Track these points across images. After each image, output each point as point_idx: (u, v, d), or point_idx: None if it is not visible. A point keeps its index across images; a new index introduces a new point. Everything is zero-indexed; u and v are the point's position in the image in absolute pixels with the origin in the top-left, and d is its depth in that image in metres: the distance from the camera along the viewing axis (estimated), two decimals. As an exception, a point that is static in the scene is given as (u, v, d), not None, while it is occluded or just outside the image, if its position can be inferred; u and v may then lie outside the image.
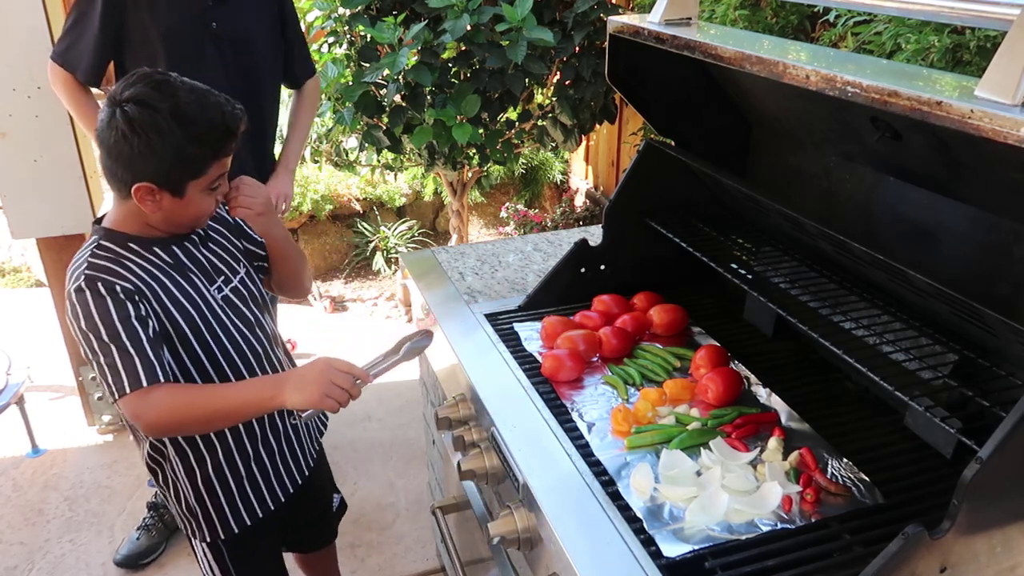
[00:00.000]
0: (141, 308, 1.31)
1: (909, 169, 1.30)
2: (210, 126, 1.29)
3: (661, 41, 1.39)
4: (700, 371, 1.50)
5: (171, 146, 1.25)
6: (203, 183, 1.33)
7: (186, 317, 1.38)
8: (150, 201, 1.31)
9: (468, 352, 1.55)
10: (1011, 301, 1.18)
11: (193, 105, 1.27)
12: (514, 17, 2.75)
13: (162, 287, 1.36)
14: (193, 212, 1.37)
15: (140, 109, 1.24)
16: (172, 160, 1.27)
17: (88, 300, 1.28)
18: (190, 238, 1.45)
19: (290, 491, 1.62)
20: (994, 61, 0.85)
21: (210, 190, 1.35)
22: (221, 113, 1.30)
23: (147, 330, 1.30)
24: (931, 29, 1.80)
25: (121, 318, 1.28)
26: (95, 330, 1.27)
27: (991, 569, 1.00)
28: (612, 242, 1.77)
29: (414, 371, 2.24)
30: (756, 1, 2.56)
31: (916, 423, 1.27)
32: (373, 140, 3.21)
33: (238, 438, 1.50)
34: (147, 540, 2.52)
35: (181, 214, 1.36)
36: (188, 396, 1.31)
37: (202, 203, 1.36)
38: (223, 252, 1.51)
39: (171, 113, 1.25)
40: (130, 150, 1.25)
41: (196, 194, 1.33)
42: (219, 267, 1.48)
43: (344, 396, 1.29)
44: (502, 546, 1.25)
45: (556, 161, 5.38)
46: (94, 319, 1.27)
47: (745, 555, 1.08)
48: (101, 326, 1.27)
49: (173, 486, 1.52)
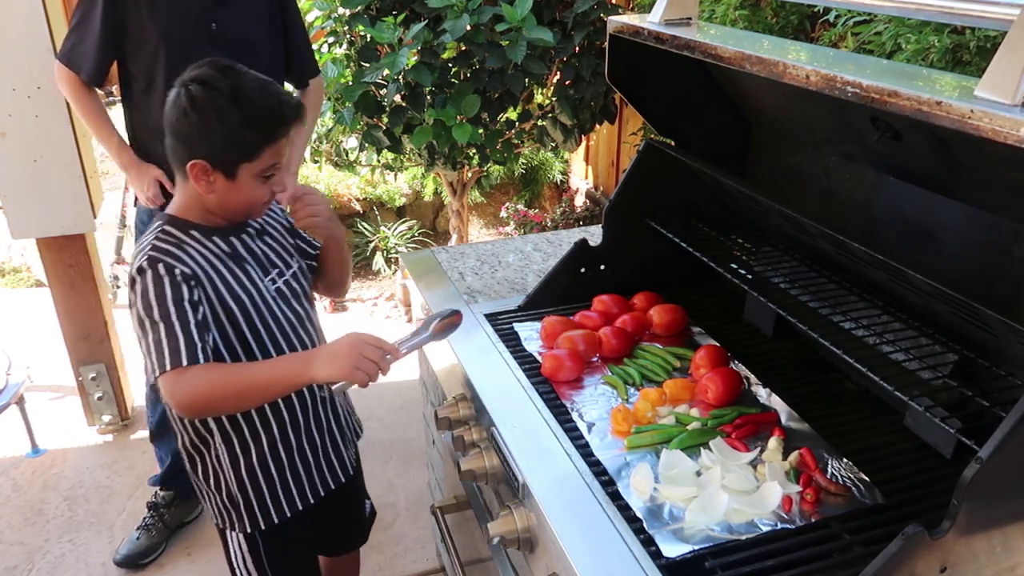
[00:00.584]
0: (195, 293, 1.34)
1: (909, 169, 1.30)
2: (267, 112, 1.32)
3: (661, 41, 1.39)
4: (700, 371, 1.50)
5: (227, 126, 1.29)
6: (255, 168, 1.35)
7: (239, 305, 1.42)
8: (204, 181, 1.34)
9: (468, 352, 1.55)
10: (1011, 301, 1.18)
11: (254, 91, 1.31)
12: (514, 17, 2.75)
13: (218, 274, 1.40)
14: (245, 198, 1.39)
15: (202, 89, 1.29)
16: (226, 140, 1.31)
17: (148, 280, 1.32)
18: (247, 230, 1.48)
19: (331, 487, 1.64)
20: (994, 61, 0.85)
21: (263, 178, 1.38)
22: (279, 102, 1.34)
23: (196, 314, 1.33)
24: (931, 29, 1.81)
25: (174, 300, 1.31)
26: (148, 309, 1.31)
27: (991, 569, 1.00)
28: (612, 242, 1.77)
29: (414, 371, 2.24)
30: (756, 1, 2.56)
31: (916, 423, 1.27)
32: (373, 140, 3.21)
33: (283, 428, 1.52)
34: (147, 540, 2.52)
35: (234, 199, 1.38)
36: (221, 373, 1.33)
37: (255, 190, 1.38)
38: (278, 246, 1.54)
39: (230, 94, 1.29)
40: (188, 127, 1.31)
41: (248, 179, 1.36)
42: (273, 260, 1.52)
43: (373, 369, 1.29)
44: (502, 546, 1.25)
45: (556, 161, 5.38)
46: (149, 298, 1.31)
47: (745, 555, 1.08)
48: (155, 305, 1.31)
49: (214, 475, 1.53)
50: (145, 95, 2.13)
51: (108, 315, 3.01)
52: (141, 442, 3.03)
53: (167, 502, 2.59)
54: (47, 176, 2.64)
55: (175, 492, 2.60)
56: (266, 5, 2.21)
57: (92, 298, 2.93)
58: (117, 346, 3.08)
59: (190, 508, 2.66)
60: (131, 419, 3.19)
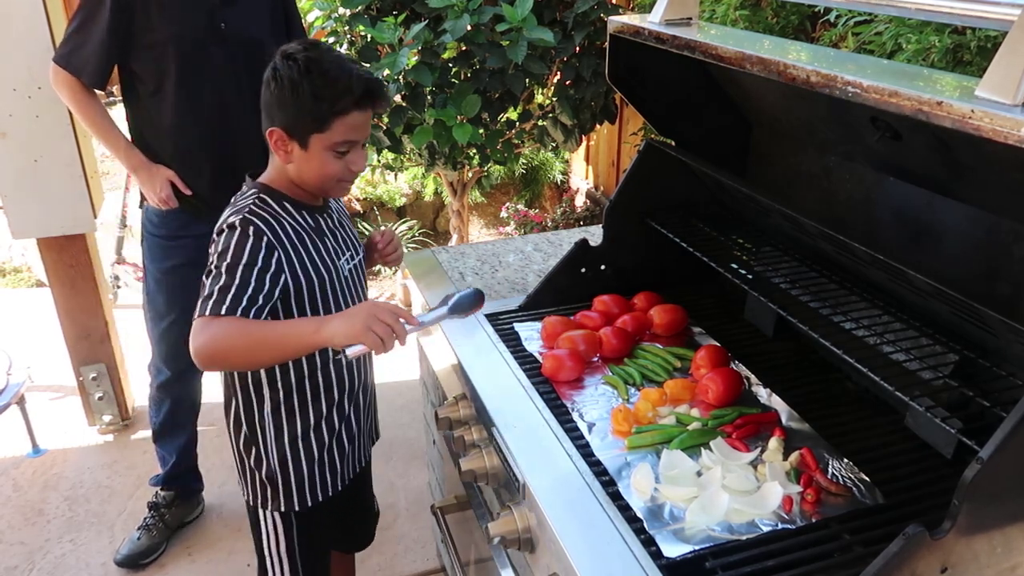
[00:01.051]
0: (271, 265, 1.38)
1: (909, 169, 1.30)
2: (331, 81, 1.35)
3: (661, 41, 1.39)
4: (700, 371, 1.50)
5: (299, 96, 1.35)
6: (326, 140, 1.39)
7: (318, 276, 1.47)
8: (282, 150, 1.41)
9: (468, 352, 1.55)
10: (1011, 301, 1.18)
11: (327, 64, 1.36)
12: (514, 17, 2.75)
13: (304, 247, 1.46)
14: (317, 169, 1.42)
15: (285, 62, 1.36)
16: (298, 110, 1.36)
17: (235, 235, 1.37)
18: (327, 211, 1.55)
19: (350, 476, 1.68)
20: (994, 61, 0.85)
21: (337, 153, 1.41)
22: (349, 75, 1.36)
23: (262, 283, 1.36)
24: (932, 29, 1.80)
25: (248, 262, 1.35)
26: (223, 255, 1.36)
27: (991, 569, 1.00)
28: (612, 242, 1.77)
29: (414, 371, 2.24)
30: (756, 1, 2.56)
31: (917, 423, 1.27)
32: (373, 140, 3.21)
33: (330, 407, 1.57)
34: (148, 540, 2.52)
35: (308, 169, 1.43)
36: (239, 324, 1.33)
37: (327, 163, 1.42)
38: (348, 234, 1.62)
39: (304, 66, 1.35)
40: (270, 97, 1.39)
41: (320, 151, 1.40)
42: (347, 243, 1.59)
43: (388, 332, 1.28)
44: (502, 546, 1.25)
45: (556, 161, 5.38)
46: (229, 249, 1.36)
47: (745, 555, 1.08)
48: (230, 255, 1.35)
49: (256, 449, 1.56)
50: (154, 97, 2.11)
51: (109, 315, 3.01)
52: (142, 442, 3.04)
53: (168, 502, 2.59)
54: (48, 176, 2.64)
55: (176, 492, 2.60)
56: (271, 3, 2.20)
57: (93, 298, 2.93)
58: (118, 346, 3.08)
59: (191, 508, 2.67)
60: (132, 419, 3.19)
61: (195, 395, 2.54)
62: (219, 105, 2.13)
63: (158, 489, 2.61)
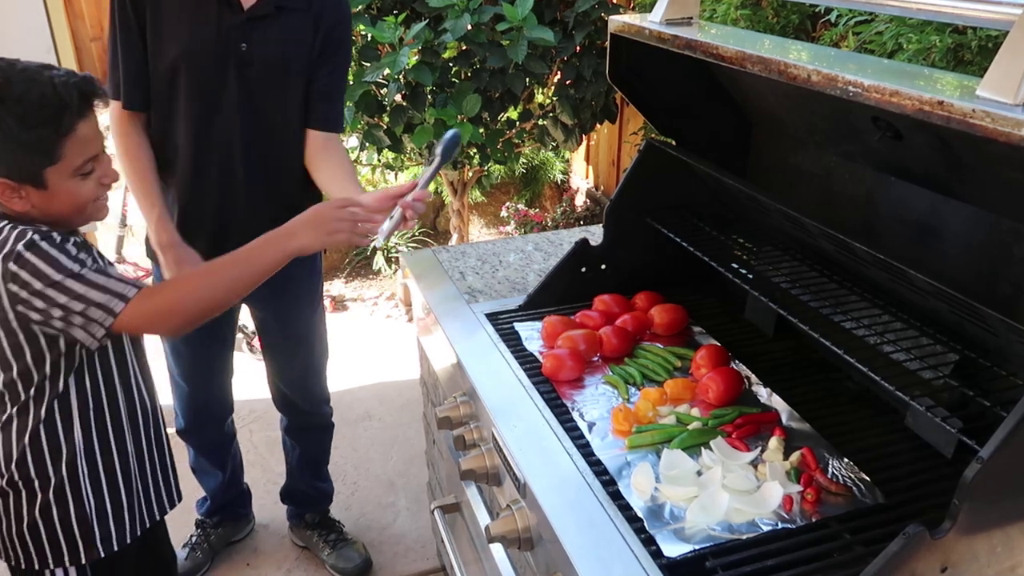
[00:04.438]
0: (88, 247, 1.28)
1: (910, 169, 1.30)
2: (40, 104, 1.17)
3: (662, 41, 1.39)
4: (701, 371, 1.50)
5: (6, 135, 1.16)
6: (65, 169, 1.22)
7: None
8: (15, 199, 1.22)
9: (468, 352, 1.55)
10: (1011, 301, 1.18)
11: (19, 85, 1.16)
12: (515, 16, 2.75)
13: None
14: (69, 202, 1.26)
15: None
16: (12, 150, 1.18)
17: (36, 254, 1.22)
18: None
19: (157, 516, 1.53)
20: (995, 61, 0.85)
21: (81, 175, 1.24)
22: (52, 87, 1.18)
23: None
24: (932, 29, 1.80)
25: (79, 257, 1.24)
26: (49, 276, 1.22)
27: (992, 569, 1.00)
28: (613, 242, 1.77)
29: (414, 371, 2.24)
30: (757, 1, 2.56)
31: (917, 423, 1.28)
32: (374, 140, 3.21)
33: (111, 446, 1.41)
34: (192, 561, 2.41)
35: (56, 206, 1.25)
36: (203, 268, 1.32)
37: (77, 191, 1.25)
38: None
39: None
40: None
41: (62, 182, 1.23)
42: None
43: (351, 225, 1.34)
44: (503, 546, 1.25)
45: (557, 161, 5.38)
46: (49, 266, 1.22)
47: (746, 555, 1.08)
48: (56, 268, 1.22)
49: (39, 504, 1.34)
50: (166, 121, 1.86)
51: (109, 314, 2.99)
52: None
53: (215, 523, 2.49)
54: (48, 175, 2.63)
55: (222, 517, 2.51)
56: (308, 28, 1.84)
57: (93, 297, 2.91)
58: (118, 345, 3.07)
59: (238, 528, 2.57)
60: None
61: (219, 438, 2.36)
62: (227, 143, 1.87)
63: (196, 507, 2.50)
